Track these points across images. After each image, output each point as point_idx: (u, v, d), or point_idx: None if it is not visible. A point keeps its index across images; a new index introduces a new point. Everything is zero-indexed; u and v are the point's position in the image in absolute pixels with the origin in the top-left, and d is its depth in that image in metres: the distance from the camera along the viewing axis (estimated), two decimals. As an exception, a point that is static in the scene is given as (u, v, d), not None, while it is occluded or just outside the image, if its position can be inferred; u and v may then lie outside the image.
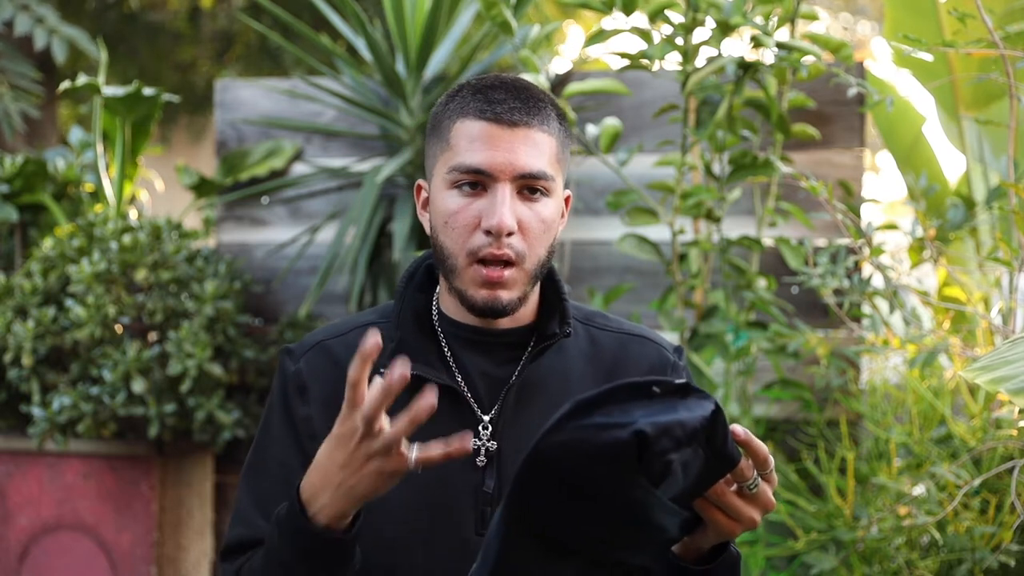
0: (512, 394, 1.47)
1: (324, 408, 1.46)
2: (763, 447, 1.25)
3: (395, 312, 1.50)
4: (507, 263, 1.41)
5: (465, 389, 1.47)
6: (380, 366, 1.45)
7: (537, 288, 1.52)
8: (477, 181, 1.41)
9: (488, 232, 1.40)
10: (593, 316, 1.57)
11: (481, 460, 1.45)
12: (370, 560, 1.38)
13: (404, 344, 1.47)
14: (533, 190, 1.42)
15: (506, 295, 1.43)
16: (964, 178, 3.59)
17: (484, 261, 1.41)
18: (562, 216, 1.52)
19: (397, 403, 1.45)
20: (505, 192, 1.40)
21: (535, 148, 1.41)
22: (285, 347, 1.52)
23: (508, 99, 1.41)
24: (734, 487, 1.26)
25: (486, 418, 1.47)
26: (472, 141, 1.41)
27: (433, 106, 3.36)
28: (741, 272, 2.77)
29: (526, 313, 1.50)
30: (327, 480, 1.27)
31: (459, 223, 1.42)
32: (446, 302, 1.50)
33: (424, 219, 1.51)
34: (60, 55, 4.22)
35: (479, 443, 1.46)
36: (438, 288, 1.54)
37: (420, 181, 1.52)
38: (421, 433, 1.46)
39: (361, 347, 1.19)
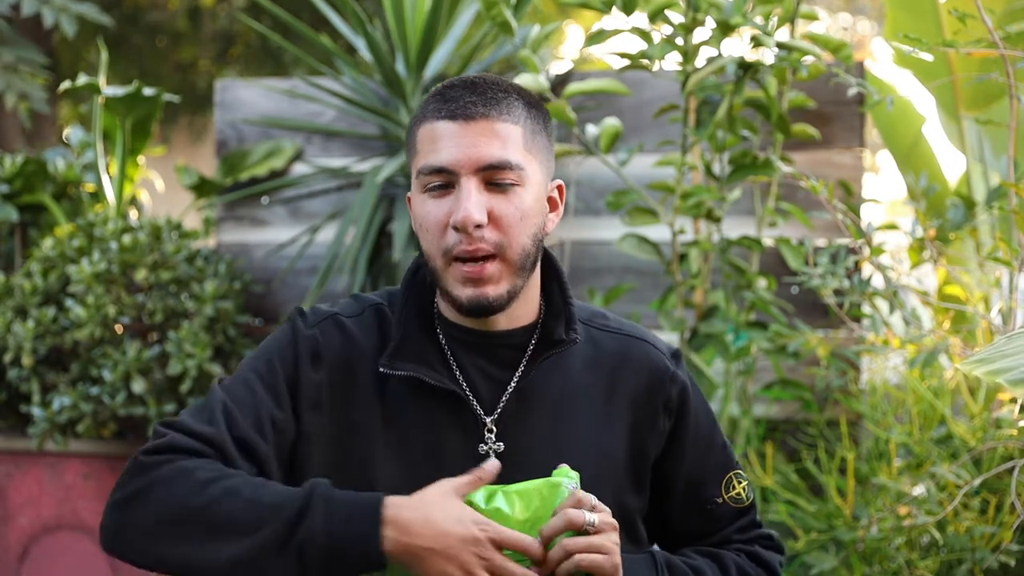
0: (514, 397, 1.46)
1: (336, 380, 1.44)
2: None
3: (398, 311, 1.48)
4: (486, 257, 1.39)
5: (468, 392, 1.46)
6: (381, 364, 1.44)
7: (537, 286, 1.50)
8: (444, 181, 1.39)
9: (457, 228, 1.38)
10: (594, 316, 1.56)
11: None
12: None
13: (405, 344, 1.45)
14: (503, 180, 1.39)
15: (492, 290, 1.40)
16: (964, 178, 3.59)
17: (461, 259, 1.39)
18: (556, 206, 1.49)
19: (401, 404, 1.45)
20: (470, 186, 1.38)
21: (497, 139, 1.39)
22: (298, 308, 1.49)
23: (465, 94, 1.40)
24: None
25: (489, 420, 1.46)
26: (433, 142, 1.40)
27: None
28: (741, 272, 2.77)
29: (526, 313, 1.48)
30: (434, 533, 1.27)
31: (431, 224, 1.41)
32: (442, 305, 1.49)
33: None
34: (70, 30, 4.18)
35: (485, 447, 1.45)
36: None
37: (409, 194, 1.50)
38: (425, 436, 1.45)
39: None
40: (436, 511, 1.28)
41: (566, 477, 1.35)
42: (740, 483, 1.56)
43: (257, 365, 1.44)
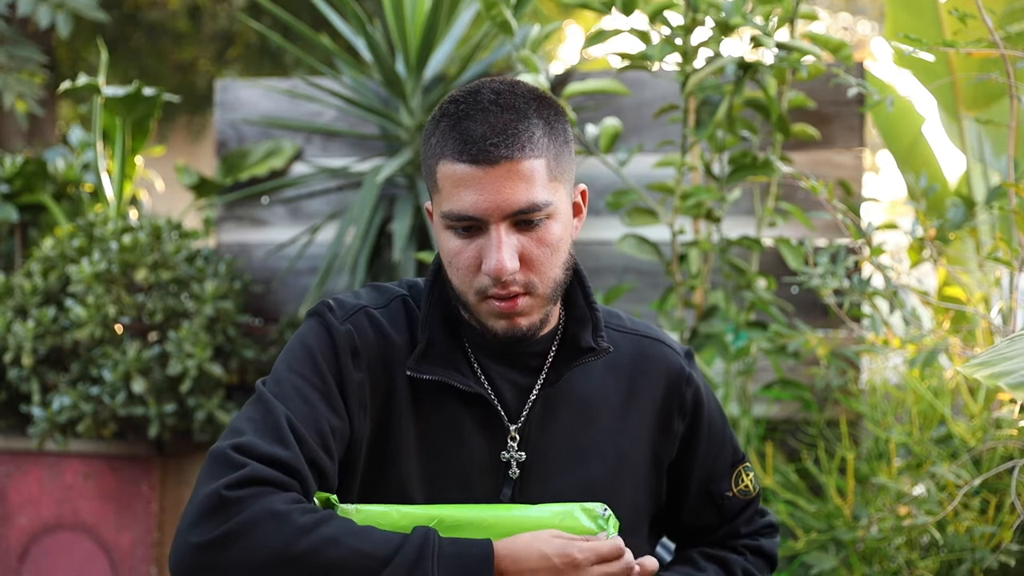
0: (539, 403, 1.46)
1: (374, 378, 1.42)
2: None
3: (423, 313, 1.46)
4: (518, 293, 1.38)
5: (493, 397, 1.45)
6: (408, 368, 1.43)
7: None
8: (470, 225, 1.36)
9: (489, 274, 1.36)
10: (609, 316, 1.55)
11: (514, 472, 1.45)
12: None
13: (432, 347, 1.43)
14: (532, 219, 1.36)
15: (525, 321, 1.40)
16: (964, 178, 3.59)
17: (494, 296, 1.38)
18: (580, 211, 1.47)
19: (431, 405, 1.44)
20: (499, 233, 1.35)
21: (522, 181, 1.34)
22: (324, 303, 1.44)
23: (487, 133, 1.34)
24: None
25: (513, 428, 1.45)
26: (456, 187, 1.35)
27: (433, 107, 3.37)
28: (741, 272, 2.77)
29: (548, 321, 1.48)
30: (531, 560, 1.30)
31: (462, 264, 1.38)
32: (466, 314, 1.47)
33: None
34: (64, 29, 4.15)
35: (507, 455, 1.45)
36: None
37: (427, 204, 1.47)
38: (452, 440, 1.45)
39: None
40: (531, 539, 1.31)
41: (597, 517, 1.38)
42: (747, 475, 1.59)
43: (302, 370, 1.39)
